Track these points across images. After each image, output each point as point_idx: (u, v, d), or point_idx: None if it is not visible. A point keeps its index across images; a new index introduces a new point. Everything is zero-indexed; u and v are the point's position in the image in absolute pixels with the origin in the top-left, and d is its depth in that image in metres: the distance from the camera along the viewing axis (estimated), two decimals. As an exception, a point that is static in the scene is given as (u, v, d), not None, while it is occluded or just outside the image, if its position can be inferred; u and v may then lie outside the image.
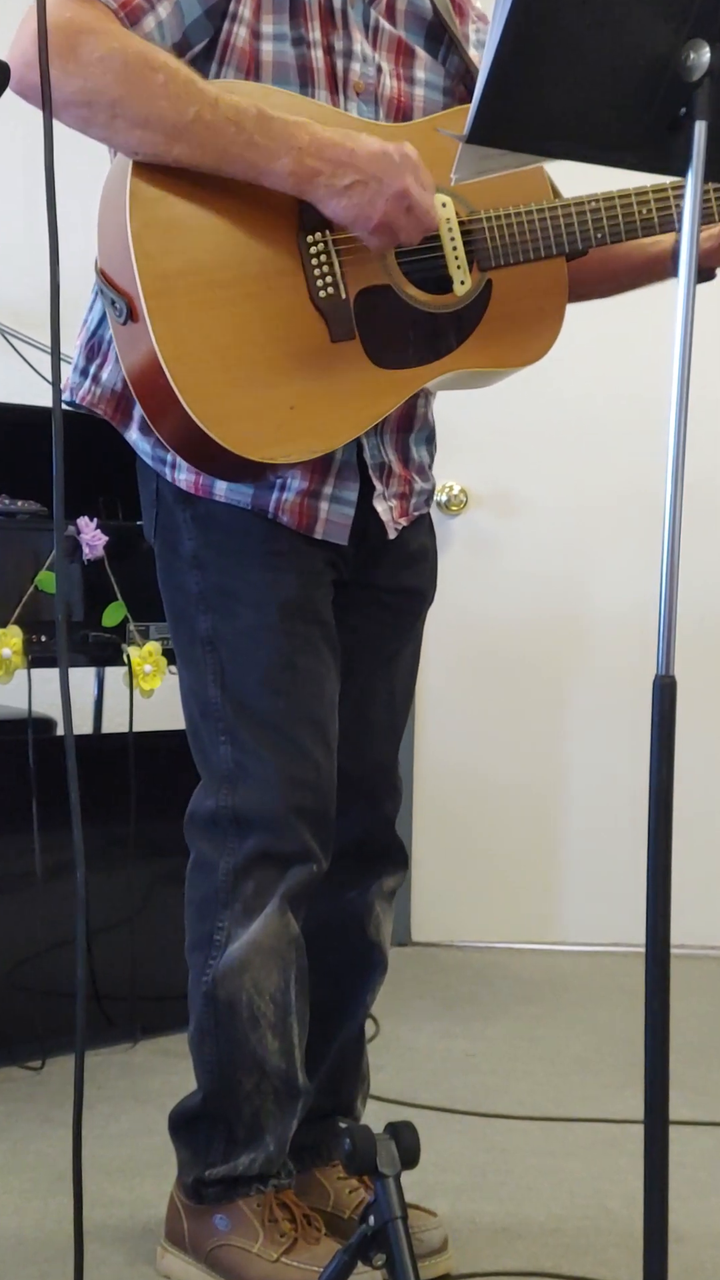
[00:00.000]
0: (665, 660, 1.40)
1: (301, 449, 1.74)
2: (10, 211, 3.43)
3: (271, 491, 1.81)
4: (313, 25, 1.79)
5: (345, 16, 1.82)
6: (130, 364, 1.72)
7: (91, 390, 1.85)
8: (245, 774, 1.84)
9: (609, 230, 1.80)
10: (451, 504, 3.73)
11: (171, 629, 1.92)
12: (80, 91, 1.64)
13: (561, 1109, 2.60)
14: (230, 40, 1.76)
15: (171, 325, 1.67)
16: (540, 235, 1.79)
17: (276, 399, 1.72)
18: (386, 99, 1.84)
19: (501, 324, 1.83)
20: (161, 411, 1.70)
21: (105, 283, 1.72)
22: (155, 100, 1.64)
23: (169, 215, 1.69)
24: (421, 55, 1.89)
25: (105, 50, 1.64)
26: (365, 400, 1.78)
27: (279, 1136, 1.87)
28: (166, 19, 1.72)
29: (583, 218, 1.79)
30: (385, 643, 1.99)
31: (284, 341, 1.73)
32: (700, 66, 1.37)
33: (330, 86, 1.80)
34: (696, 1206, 2.18)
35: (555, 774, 3.83)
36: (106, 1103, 2.55)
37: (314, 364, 1.74)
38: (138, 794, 2.80)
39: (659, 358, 1.55)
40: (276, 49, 1.77)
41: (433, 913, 3.79)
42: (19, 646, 2.54)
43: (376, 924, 2.02)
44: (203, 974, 1.86)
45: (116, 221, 1.69)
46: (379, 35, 1.86)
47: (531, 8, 1.34)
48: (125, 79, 1.64)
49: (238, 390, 1.70)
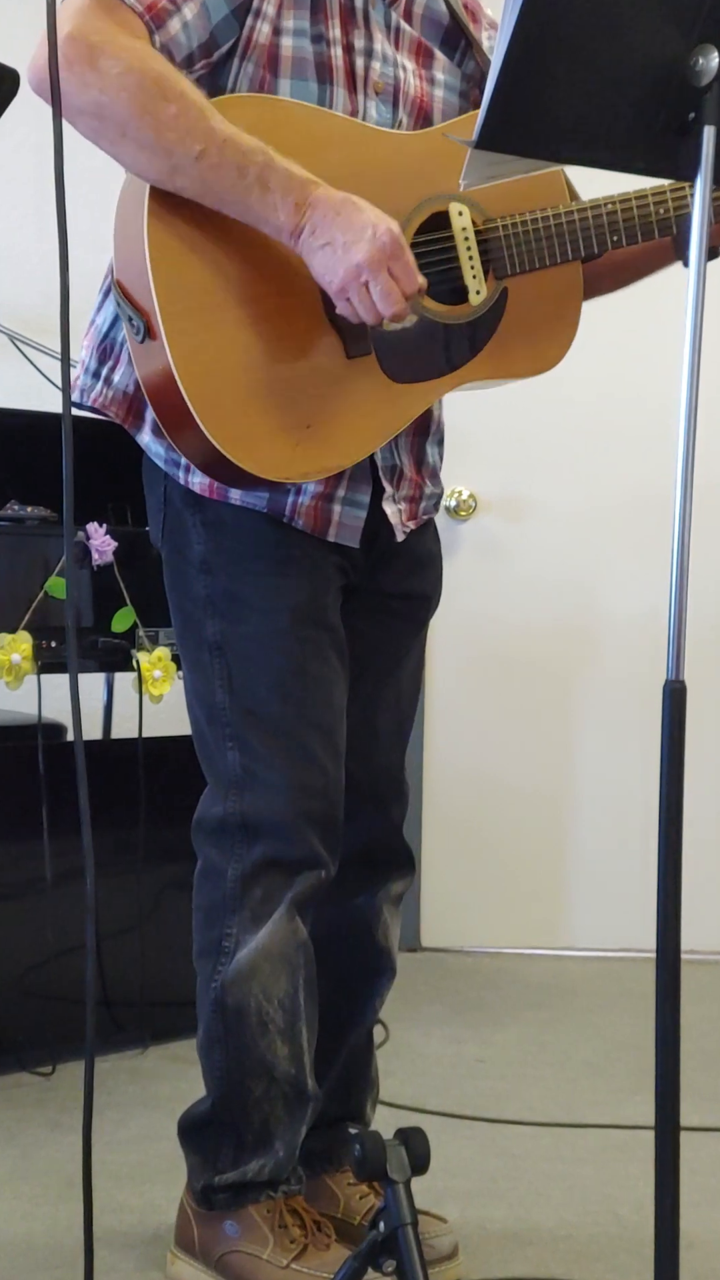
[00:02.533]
0: (675, 665, 1.40)
1: (319, 467, 1.75)
2: (21, 219, 3.44)
3: (288, 495, 1.81)
4: (333, 23, 1.79)
5: (367, 16, 1.82)
6: (148, 381, 1.72)
7: (103, 393, 1.85)
8: (253, 780, 1.84)
9: (625, 232, 1.79)
10: (461, 509, 3.73)
11: (178, 633, 1.92)
12: (94, 104, 1.65)
13: (571, 1114, 2.60)
14: (253, 36, 1.76)
15: (189, 345, 1.67)
16: (556, 240, 1.79)
17: (293, 418, 1.72)
18: (410, 99, 1.85)
19: (517, 331, 1.83)
20: (179, 429, 1.71)
21: (123, 296, 1.72)
22: (163, 131, 1.64)
23: (186, 233, 1.69)
24: (440, 57, 1.90)
25: (124, 68, 1.64)
26: (382, 415, 1.78)
27: (288, 1142, 1.87)
28: (192, 20, 1.72)
29: (599, 221, 1.79)
30: (392, 648, 1.99)
31: (300, 359, 1.73)
32: (709, 71, 1.37)
33: (348, 85, 1.80)
34: (707, 1213, 2.18)
35: (565, 779, 3.83)
36: (116, 1108, 2.55)
37: (330, 381, 1.74)
38: (147, 799, 2.80)
39: (668, 362, 1.55)
40: (296, 44, 1.77)
41: (442, 918, 3.79)
42: (29, 652, 2.54)
43: (385, 929, 2.02)
44: (211, 980, 1.86)
45: (134, 237, 1.69)
46: (400, 36, 1.86)
47: (540, 13, 1.34)
48: (138, 102, 1.64)
49: (254, 410, 1.70)
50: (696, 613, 1.50)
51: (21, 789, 2.67)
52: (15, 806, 2.70)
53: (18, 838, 2.72)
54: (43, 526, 2.66)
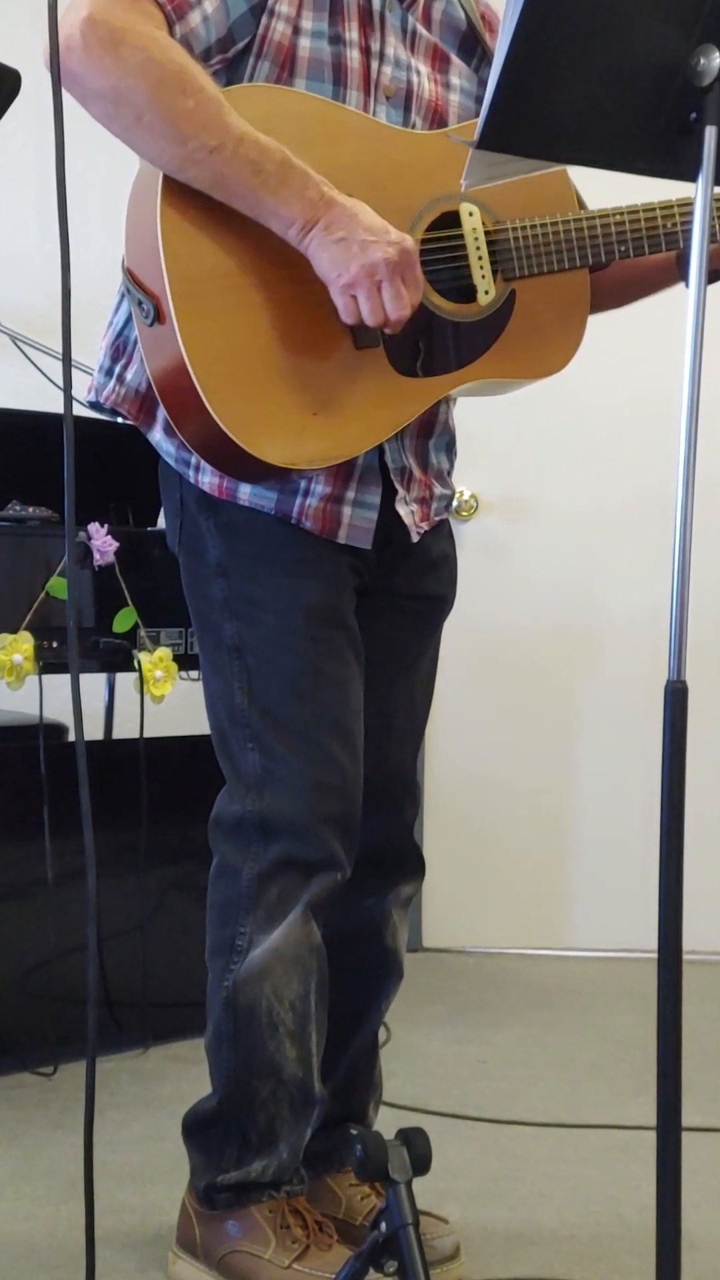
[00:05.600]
0: (676, 666, 1.40)
1: (324, 455, 1.75)
2: (23, 219, 3.45)
3: (295, 497, 1.82)
4: (350, 25, 1.80)
5: (383, 20, 1.83)
6: (155, 365, 1.73)
7: (116, 390, 1.86)
8: (272, 780, 1.84)
9: (632, 243, 1.80)
10: (463, 509, 3.73)
11: (198, 637, 1.93)
12: (112, 90, 1.65)
13: (573, 1115, 2.60)
14: (268, 34, 1.76)
15: (198, 328, 1.67)
16: (565, 246, 1.79)
17: (300, 404, 1.72)
18: (425, 102, 1.85)
19: (524, 334, 1.83)
20: (185, 414, 1.71)
21: (133, 282, 1.73)
22: (180, 123, 1.65)
23: (199, 218, 1.69)
24: (456, 62, 1.91)
25: (145, 57, 1.64)
26: (388, 408, 1.78)
27: (293, 1144, 1.86)
28: (212, 14, 1.72)
29: (607, 230, 1.80)
30: (406, 649, 1.99)
31: (309, 348, 1.73)
32: (710, 72, 1.37)
33: (363, 87, 1.81)
34: (709, 1213, 2.18)
35: (566, 779, 3.83)
36: (118, 1109, 2.55)
37: (338, 371, 1.74)
38: (149, 800, 2.80)
39: (670, 364, 1.55)
40: (314, 45, 1.78)
41: (444, 919, 3.79)
42: (30, 653, 2.54)
43: (393, 931, 2.02)
44: (223, 979, 1.86)
45: (146, 222, 1.70)
46: (416, 40, 1.87)
47: (541, 13, 1.34)
48: (158, 92, 1.64)
49: (262, 395, 1.70)
50: (698, 613, 1.49)
51: (23, 789, 2.67)
52: (17, 807, 2.70)
53: (19, 838, 2.72)
54: (44, 527, 2.66)
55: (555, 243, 1.79)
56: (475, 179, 1.53)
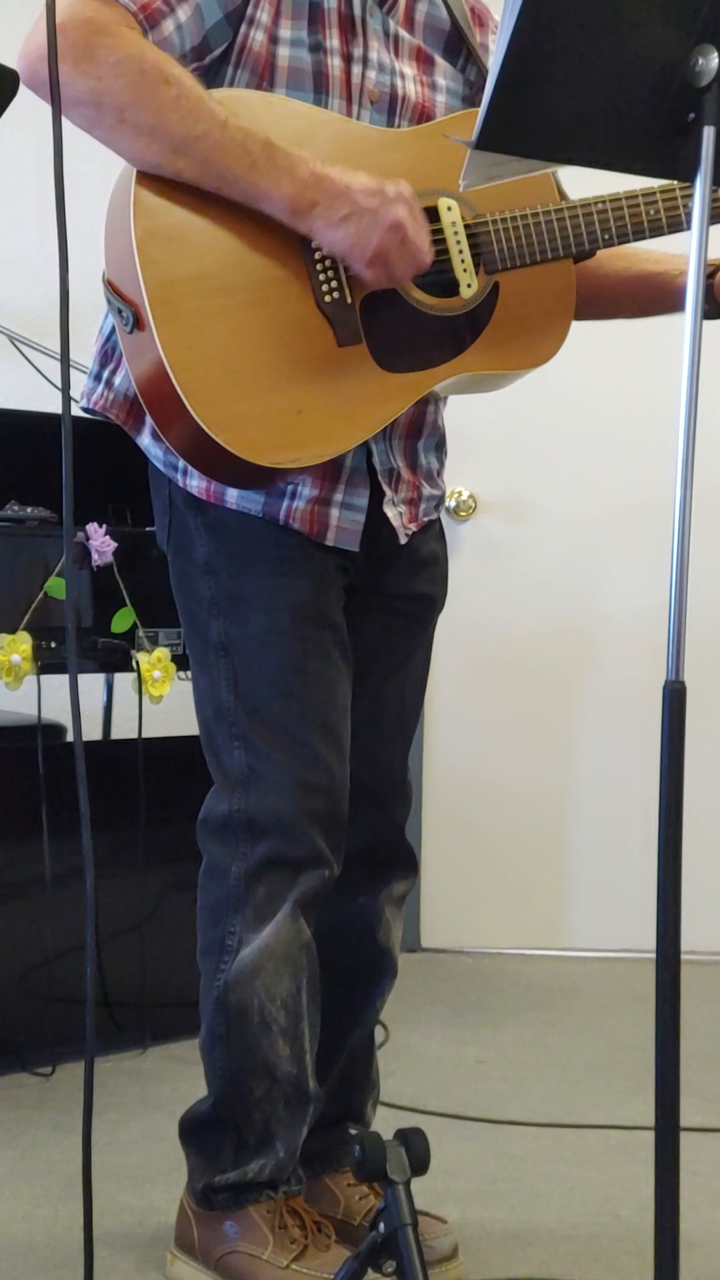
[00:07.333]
0: (675, 666, 1.40)
1: (309, 454, 1.74)
2: (22, 220, 3.44)
3: (282, 499, 1.82)
4: (330, 32, 1.80)
5: (364, 25, 1.82)
6: (138, 372, 1.72)
7: (105, 395, 1.86)
8: (258, 778, 1.84)
9: (615, 231, 1.80)
10: (461, 509, 3.73)
11: (186, 635, 1.93)
12: (91, 92, 1.65)
13: (572, 1115, 2.60)
14: (247, 44, 1.76)
15: (178, 332, 1.67)
16: (546, 237, 1.79)
17: (284, 404, 1.72)
18: (411, 104, 1.85)
19: (509, 327, 1.83)
20: (169, 419, 1.70)
21: (112, 292, 1.73)
22: (164, 112, 1.65)
23: (173, 223, 1.69)
24: (441, 63, 1.91)
25: (121, 55, 1.64)
26: (373, 404, 1.78)
27: (289, 1143, 1.87)
28: (186, 22, 1.72)
29: (589, 219, 1.79)
30: (396, 649, 1.99)
31: (290, 347, 1.73)
32: (709, 72, 1.37)
33: (345, 94, 1.80)
34: (708, 1214, 2.18)
35: (565, 780, 3.83)
36: (116, 1109, 2.55)
37: (321, 369, 1.74)
38: (147, 800, 2.80)
39: (668, 364, 1.55)
40: (293, 54, 1.78)
41: (442, 919, 3.79)
42: (28, 653, 2.54)
43: (387, 929, 2.02)
44: (214, 979, 1.86)
45: (121, 230, 1.70)
46: (399, 44, 1.87)
47: (539, 13, 1.34)
48: (138, 87, 1.65)
49: (245, 396, 1.70)
50: (696, 613, 1.50)
51: (21, 789, 2.67)
52: (15, 807, 2.70)
53: (17, 838, 2.72)
54: (42, 527, 2.67)
55: (536, 234, 1.79)
56: (474, 179, 1.53)
